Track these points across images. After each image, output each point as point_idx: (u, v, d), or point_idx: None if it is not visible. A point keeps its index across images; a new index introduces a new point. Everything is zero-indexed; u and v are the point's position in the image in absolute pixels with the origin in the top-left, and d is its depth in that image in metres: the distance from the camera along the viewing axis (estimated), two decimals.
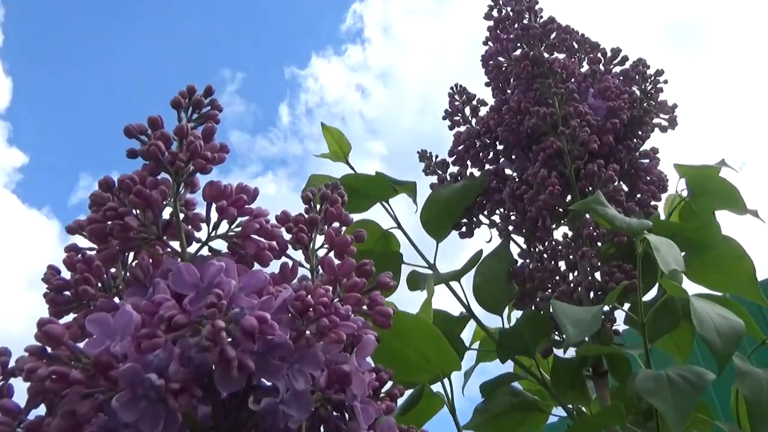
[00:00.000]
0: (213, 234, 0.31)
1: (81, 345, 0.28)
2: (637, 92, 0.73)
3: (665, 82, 0.73)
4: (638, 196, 0.70)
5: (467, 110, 0.78)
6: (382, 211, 0.74)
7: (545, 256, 0.68)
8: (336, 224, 0.34)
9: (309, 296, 0.29)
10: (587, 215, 0.66)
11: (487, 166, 0.75)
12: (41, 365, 0.26)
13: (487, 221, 0.74)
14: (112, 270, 0.31)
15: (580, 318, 0.50)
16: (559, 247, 0.67)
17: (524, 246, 0.71)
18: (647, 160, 0.72)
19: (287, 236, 0.33)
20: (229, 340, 0.28)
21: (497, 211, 0.73)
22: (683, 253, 0.59)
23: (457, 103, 0.78)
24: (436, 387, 0.60)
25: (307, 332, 0.29)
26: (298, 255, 0.34)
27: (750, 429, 0.49)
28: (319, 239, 0.34)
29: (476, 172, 0.75)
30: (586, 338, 0.59)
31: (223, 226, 0.32)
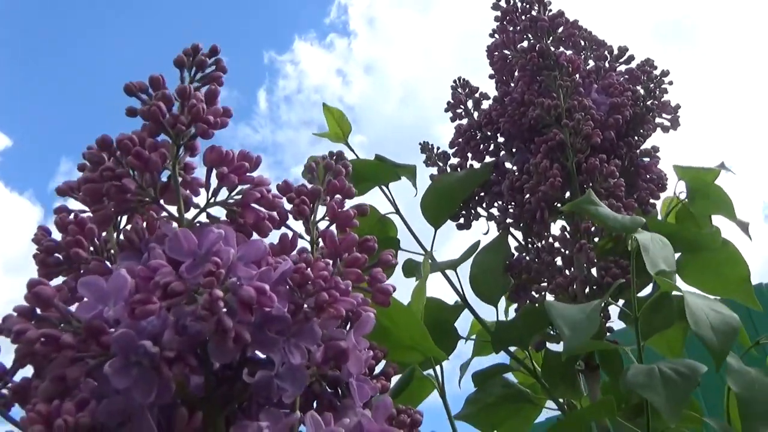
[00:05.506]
0: (212, 200, 0.30)
1: (71, 308, 0.27)
2: (641, 90, 0.72)
3: (670, 83, 0.73)
4: (637, 193, 0.69)
5: (470, 103, 0.77)
6: (379, 196, 0.73)
7: (542, 249, 0.67)
8: (338, 197, 0.34)
9: (309, 269, 0.29)
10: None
11: (488, 159, 0.75)
12: (30, 327, 0.26)
13: (485, 213, 0.74)
14: (104, 233, 0.30)
15: (577, 320, 0.49)
16: (556, 242, 0.67)
17: (521, 240, 0.71)
18: (647, 159, 0.72)
19: (288, 206, 0.33)
20: (225, 310, 0.27)
21: (495, 204, 0.73)
22: (678, 254, 0.59)
23: (459, 95, 0.78)
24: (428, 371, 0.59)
25: (306, 306, 0.29)
26: (299, 226, 0.33)
27: (741, 425, 0.48)
28: (321, 211, 0.33)
29: (476, 164, 0.75)
30: None
31: (223, 193, 0.31)
